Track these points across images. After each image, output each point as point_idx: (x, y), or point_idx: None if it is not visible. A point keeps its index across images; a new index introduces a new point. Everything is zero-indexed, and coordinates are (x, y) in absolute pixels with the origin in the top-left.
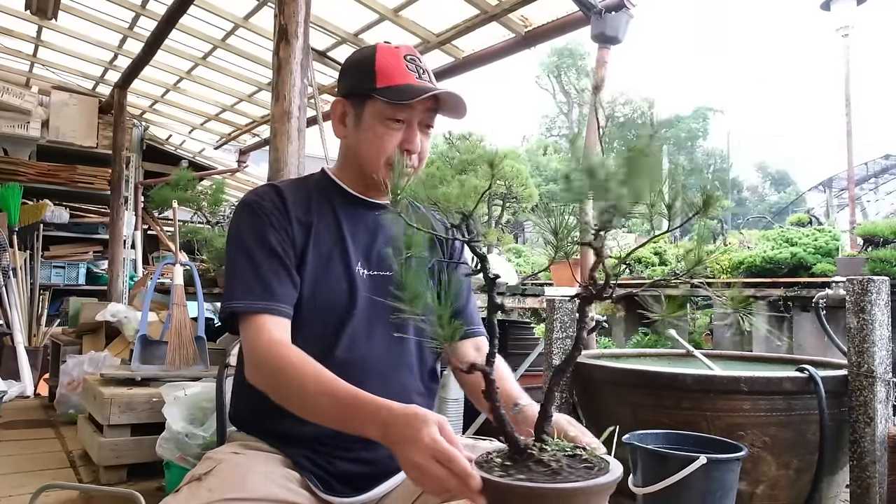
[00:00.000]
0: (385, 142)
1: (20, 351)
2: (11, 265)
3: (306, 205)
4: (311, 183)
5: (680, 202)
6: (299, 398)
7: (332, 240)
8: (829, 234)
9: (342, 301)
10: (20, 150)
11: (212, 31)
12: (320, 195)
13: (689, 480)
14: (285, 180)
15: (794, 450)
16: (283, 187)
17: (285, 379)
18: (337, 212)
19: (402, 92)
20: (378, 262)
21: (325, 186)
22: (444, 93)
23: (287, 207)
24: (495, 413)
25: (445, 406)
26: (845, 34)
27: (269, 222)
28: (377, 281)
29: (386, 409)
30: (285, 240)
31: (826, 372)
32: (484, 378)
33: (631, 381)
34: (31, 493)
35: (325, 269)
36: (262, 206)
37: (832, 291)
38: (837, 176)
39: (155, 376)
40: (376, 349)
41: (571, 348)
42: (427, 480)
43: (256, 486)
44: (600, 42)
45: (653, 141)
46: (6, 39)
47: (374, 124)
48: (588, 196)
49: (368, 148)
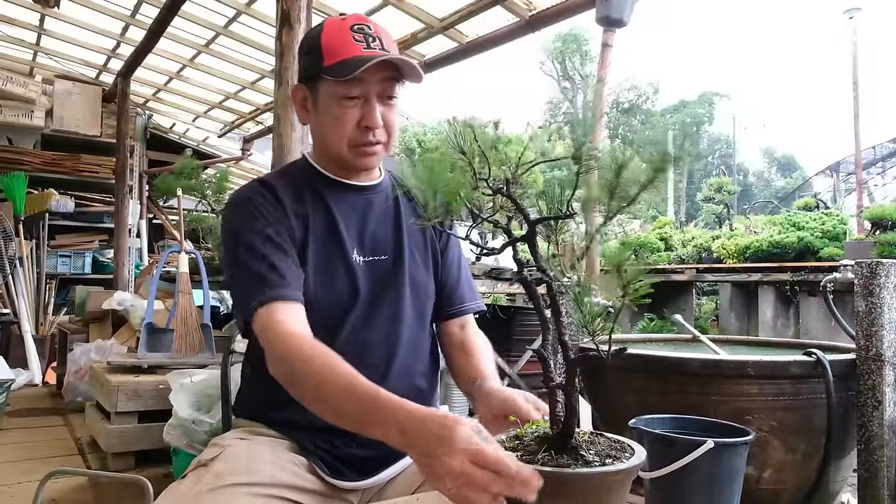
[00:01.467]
0: (342, 122)
1: (28, 340)
2: (18, 254)
3: (299, 195)
4: (296, 172)
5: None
6: (315, 396)
7: (328, 229)
8: (836, 218)
9: (344, 291)
10: (25, 139)
11: (214, 18)
12: (308, 184)
13: (697, 465)
14: (270, 173)
15: (802, 434)
16: (272, 181)
17: (304, 378)
18: (327, 199)
19: (347, 66)
20: (372, 248)
21: (310, 174)
22: (396, 59)
23: (281, 201)
24: (550, 392)
25: (452, 392)
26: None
27: (264, 219)
28: (373, 266)
29: (401, 409)
30: (283, 233)
31: (834, 356)
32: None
33: (637, 366)
34: (40, 480)
35: (324, 260)
36: (253, 202)
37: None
38: (845, 160)
39: (161, 364)
40: (378, 334)
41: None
42: (468, 489)
43: (263, 470)
44: (605, 25)
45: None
46: (9, 28)
47: (329, 105)
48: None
49: (328, 131)
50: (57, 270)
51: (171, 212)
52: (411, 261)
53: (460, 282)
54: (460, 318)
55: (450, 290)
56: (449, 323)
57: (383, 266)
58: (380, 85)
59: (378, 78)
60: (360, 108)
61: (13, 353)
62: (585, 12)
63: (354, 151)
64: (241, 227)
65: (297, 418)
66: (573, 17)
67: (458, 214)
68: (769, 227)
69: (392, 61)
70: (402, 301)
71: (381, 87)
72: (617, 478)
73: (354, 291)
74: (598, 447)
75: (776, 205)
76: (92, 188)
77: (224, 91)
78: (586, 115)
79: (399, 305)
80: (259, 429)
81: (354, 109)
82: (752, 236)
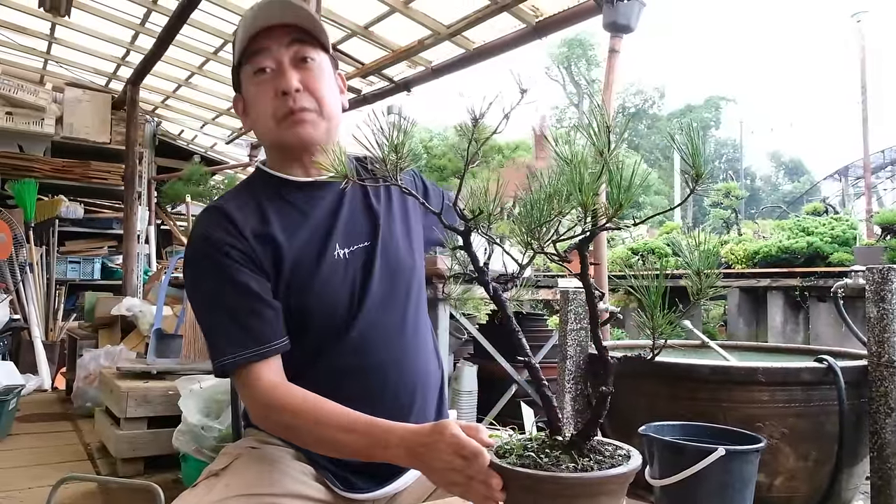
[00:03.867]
0: (261, 97)
1: (37, 345)
2: (28, 260)
3: (258, 213)
4: (254, 186)
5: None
6: (315, 443)
7: (303, 234)
8: (845, 223)
9: (334, 287)
10: (35, 146)
11: (222, 26)
12: (267, 195)
13: (707, 472)
14: (227, 194)
15: (813, 441)
16: (228, 205)
17: (298, 428)
18: (292, 201)
19: (245, 39)
20: (353, 237)
21: (268, 183)
22: (272, 7)
23: (238, 227)
24: (543, 398)
25: (458, 398)
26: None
27: (226, 255)
28: (357, 254)
29: (403, 431)
30: (250, 266)
31: (845, 362)
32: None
33: (646, 372)
34: (50, 486)
35: (307, 266)
36: (212, 239)
37: (851, 281)
38: (853, 164)
39: (170, 369)
40: (380, 324)
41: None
42: (453, 475)
43: (274, 481)
44: (612, 31)
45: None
46: (20, 37)
47: (249, 89)
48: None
49: (255, 116)
50: (66, 276)
51: (179, 218)
52: (393, 241)
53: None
54: None
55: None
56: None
57: (368, 251)
58: (288, 50)
59: (283, 43)
60: (274, 78)
61: (23, 359)
62: (592, 18)
63: (283, 125)
64: (208, 272)
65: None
66: (580, 23)
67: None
68: (778, 232)
69: (292, 24)
70: (396, 283)
71: (290, 51)
72: (613, 482)
73: (345, 285)
74: (598, 452)
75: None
76: (101, 194)
77: (232, 98)
78: (616, 120)
79: (394, 288)
80: (269, 438)
81: (269, 83)
82: (761, 241)
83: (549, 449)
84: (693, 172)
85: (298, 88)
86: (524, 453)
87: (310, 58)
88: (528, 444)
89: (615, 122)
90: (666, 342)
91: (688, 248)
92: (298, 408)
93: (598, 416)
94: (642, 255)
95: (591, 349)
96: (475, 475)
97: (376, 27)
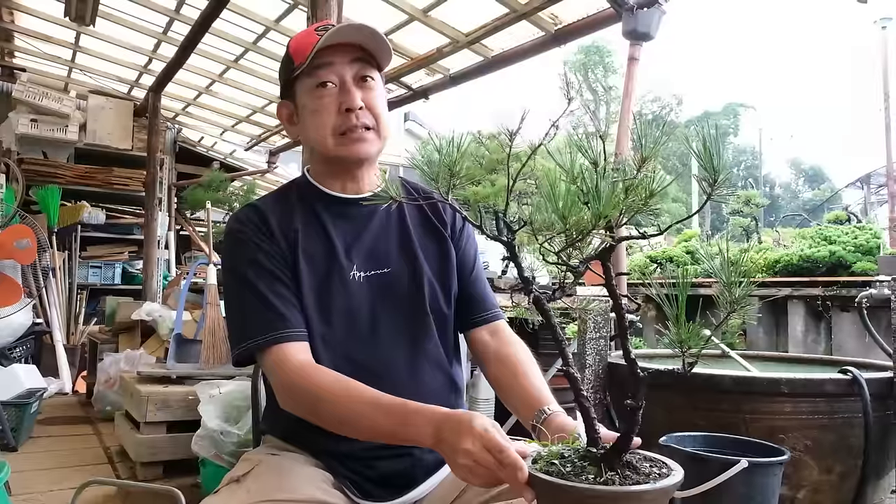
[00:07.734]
0: (322, 111)
1: (59, 349)
2: (51, 265)
3: (289, 216)
4: (293, 190)
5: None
6: (343, 418)
7: (322, 246)
8: (869, 231)
9: (343, 309)
10: (59, 153)
11: (243, 35)
12: (303, 202)
13: (730, 484)
14: (267, 195)
15: (837, 454)
16: (264, 205)
17: (329, 402)
18: (321, 215)
19: (312, 56)
20: (373, 262)
21: (307, 191)
22: (348, 28)
23: (269, 225)
24: (582, 409)
25: (476, 406)
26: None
27: (257, 247)
28: (374, 281)
29: (432, 411)
30: (277, 259)
31: (870, 374)
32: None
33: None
34: (70, 488)
35: (319, 279)
36: (245, 232)
37: (875, 291)
38: (875, 172)
39: (190, 374)
40: (384, 350)
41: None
42: (476, 469)
43: (294, 487)
44: (632, 39)
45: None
46: (46, 46)
47: (307, 102)
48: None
49: (312, 127)
50: (88, 281)
51: (198, 224)
52: (419, 269)
53: (483, 287)
54: (489, 326)
55: (471, 296)
56: (478, 331)
57: (387, 279)
58: (351, 67)
59: (347, 60)
60: (338, 94)
61: (45, 362)
62: (612, 26)
63: (342, 140)
64: (241, 260)
65: (324, 443)
66: (600, 30)
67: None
68: (799, 240)
69: (356, 43)
70: (414, 311)
71: (353, 68)
72: (650, 497)
73: (355, 309)
74: (632, 467)
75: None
76: (123, 200)
77: (251, 105)
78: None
79: (411, 316)
80: (287, 445)
81: (331, 97)
82: (782, 250)
83: (582, 460)
84: (710, 178)
85: (362, 106)
86: (555, 461)
87: (370, 77)
88: (564, 452)
89: (638, 130)
90: (699, 357)
91: (720, 262)
92: (329, 383)
93: (631, 431)
94: (660, 263)
95: (610, 359)
96: (504, 476)
97: (396, 35)
